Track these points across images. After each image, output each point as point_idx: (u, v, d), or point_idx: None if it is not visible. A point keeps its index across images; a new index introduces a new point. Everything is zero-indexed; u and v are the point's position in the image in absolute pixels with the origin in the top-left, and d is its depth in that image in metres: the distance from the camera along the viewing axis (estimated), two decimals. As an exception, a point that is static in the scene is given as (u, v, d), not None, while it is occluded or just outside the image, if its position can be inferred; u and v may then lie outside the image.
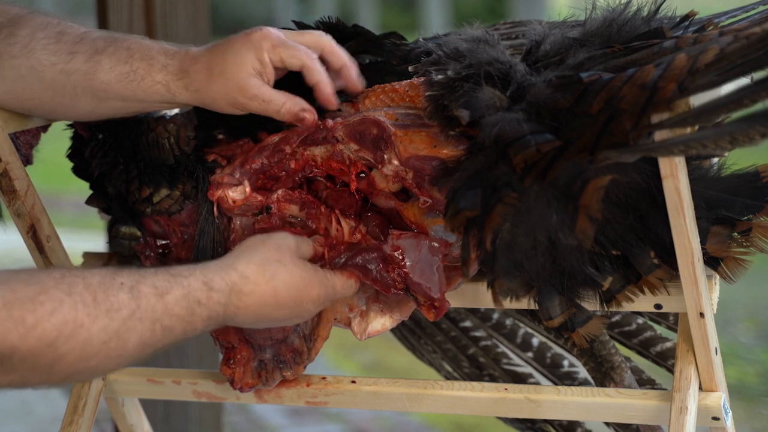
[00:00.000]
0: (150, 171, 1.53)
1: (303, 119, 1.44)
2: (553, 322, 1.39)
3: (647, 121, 1.23)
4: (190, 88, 1.44)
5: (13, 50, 1.46)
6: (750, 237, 1.38)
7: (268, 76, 1.43)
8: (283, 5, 14.16)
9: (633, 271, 1.38)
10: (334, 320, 1.48)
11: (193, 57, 1.45)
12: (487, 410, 1.50)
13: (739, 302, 3.82)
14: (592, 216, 1.26)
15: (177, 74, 1.44)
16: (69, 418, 1.58)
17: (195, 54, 1.45)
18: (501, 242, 1.32)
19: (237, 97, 1.42)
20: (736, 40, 1.21)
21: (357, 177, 1.46)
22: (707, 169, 1.38)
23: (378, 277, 1.42)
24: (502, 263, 1.34)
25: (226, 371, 1.51)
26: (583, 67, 1.36)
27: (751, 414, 2.97)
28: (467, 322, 1.82)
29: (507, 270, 1.35)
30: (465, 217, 1.33)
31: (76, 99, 1.48)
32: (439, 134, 1.40)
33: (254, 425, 3.07)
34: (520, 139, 1.29)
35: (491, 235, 1.32)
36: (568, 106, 1.30)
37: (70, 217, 5.32)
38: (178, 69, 1.44)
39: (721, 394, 1.42)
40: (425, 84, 1.41)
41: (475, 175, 1.33)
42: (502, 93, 1.36)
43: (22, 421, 3.04)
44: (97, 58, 1.46)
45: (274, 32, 1.44)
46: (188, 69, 1.44)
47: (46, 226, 1.55)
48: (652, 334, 1.70)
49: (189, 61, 1.44)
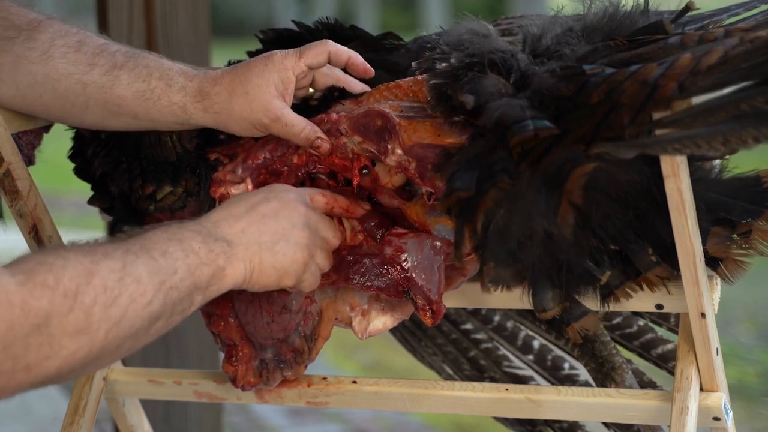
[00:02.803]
0: (153, 169, 1.54)
1: (319, 147, 1.46)
2: (546, 314, 1.40)
3: (645, 117, 1.23)
4: (210, 110, 1.45)
5: (32, 55, 1.46)
6: (750, 239, 1.38)
7: (287, 98, 1.45)
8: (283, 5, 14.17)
9: (632, 268, 1.39)
10: (335, 320, 1.48)
11: (213, 78, 1.46)
12: (487, 410, 1.50)
13: (739, 302, 3.82)
14: (574, 202, 1.27)
15: (196, 96, 1.45)
16: (70, 418, 1.58)
17: (214, 76, 1.46)
18: (494, 228, 1.33)
19: (260, 117, 1.44)
20: (741, 43, 1.21)
21: (360, 172, 1.46)
22: (708, 171, 1.39)
23: (382, 286, 1.42)
24: (495, 250, 1.34)
25: (228, 369, 1.51)
26: (586, 59, 1.36)
27: (751, 414, 2.98)
28: (468, 324, 1.82)
29: (499, 258, 1.35)
30: (458, 198, 1.34)
31: (87, 110, 1.48)
32: (443, 124, 1.40)
33: (254, 425, 3.07)
34: (520, 123, 1.29)
35: (483, 219, 1.33)
36: (569, 95, 1.30)
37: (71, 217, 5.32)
38: (197, 91, 1.46)
39: (721, 395, 1.42)
40: (428, 74, 1.42)
41: (474, 158, 1.34)
42: (506, 80, 1.37)
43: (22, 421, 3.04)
44: (115, 72, 1.46)
45: (290, 50, 1.46)
46: (209, 91, 1.45)
47: (48, 226, 1.55)
48: (653, 336, 1.70)
49: (209, 82, 1.45)
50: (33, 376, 1.13)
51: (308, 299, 1.47)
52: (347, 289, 1.47)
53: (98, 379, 1.61)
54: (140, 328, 1.21)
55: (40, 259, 1.16)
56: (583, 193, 1.29)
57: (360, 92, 1.51)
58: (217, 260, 1.30)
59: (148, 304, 1.21)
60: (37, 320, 1.12)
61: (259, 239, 1.35)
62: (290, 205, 1.39)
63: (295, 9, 14.06)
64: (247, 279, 1.34)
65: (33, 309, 1.12)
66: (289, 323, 1.48)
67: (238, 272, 1.33)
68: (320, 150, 1.46)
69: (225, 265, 1.31)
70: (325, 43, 1.48)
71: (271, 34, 1.64)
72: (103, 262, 1.19)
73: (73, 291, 1.15)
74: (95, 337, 1.16)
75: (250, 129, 1.46)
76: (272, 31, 1.64)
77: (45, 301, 1.13)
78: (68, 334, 1.14)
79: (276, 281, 1.37)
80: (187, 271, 1.27)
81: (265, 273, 1.35)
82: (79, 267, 1.17)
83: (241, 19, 13.60)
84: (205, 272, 1.29)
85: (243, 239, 1.34)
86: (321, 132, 1.46)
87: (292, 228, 1.37)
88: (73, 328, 1.15)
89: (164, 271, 1.24)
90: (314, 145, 1.46)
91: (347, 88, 1.51)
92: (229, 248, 1.32)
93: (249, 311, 1.48)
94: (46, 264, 1.15)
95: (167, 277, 1.24)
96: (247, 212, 1.36)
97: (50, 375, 1.15)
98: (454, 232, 1.37)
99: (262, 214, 1.36)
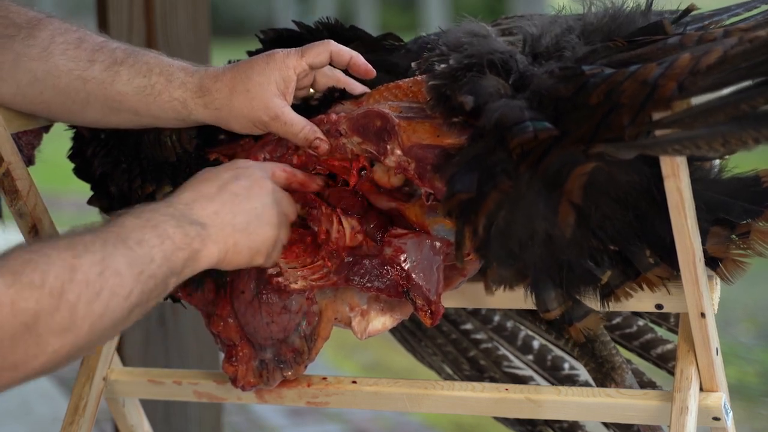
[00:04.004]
0: (152, 169, 1.54)
1: (317, 147, 1.46)
2: (549, 314, 1.40)
3: (645, 117, 1.23)
4: (210, 106, 1.45)
5: (32, 52, 1.46)
6: (748, 240, 1.38)
7: (288, 97, 1.46)
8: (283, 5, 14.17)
9: (632, 268, 1.39)
10: (335, 320, 1.48)
11: (214, 75, 1.46)
12: (487, 410, 1.50)
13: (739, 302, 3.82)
14: (574, 202, 1.27)
15: (196, 92, 1.46)
16: (70, 418, 1.58)
17: (216, 72, 1.46)
18: (496, 230, 1.33)
19: (260, 115, 1.44)
20: (740, 42, 1.21)
21: (358, 173, 1.46)
22: (708, 171, 1.39)
23: (381, 287, 1.42)
24: (497, 251, 1.35)
25: (228, 369, 1.51)
26: (586, 60, 1.36)
27: (751, 414, 2.98)
28: (468, 324, 1.82)
29: (501, 258, 1.35)
30: (459, 200, 1.34)
31: (87, 107, 1.48)
32: (443, 125, 1.40)
33: (254, 425, 3.07)
34: (519, 124, 1.30)
35: (485, 221, 1.33)
36: (568, 96, 1.30)
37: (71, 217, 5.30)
38: (198, 87, 1.46)
39: (721, 395, 1.42)
40: (428, 75, 1.42)
41: (473, 159, 1.34)
42: (505, 81, 1.37)
43: (22, 421, 3.03)
44: (116, 68, 1.47)
45: (292, 48, 1.47)
46: (209, 87, 1.45)
47: (47, 226, 1.55)
48: (653, 336, 1.70)
49: (210, 79, 1.46)
50: (20, 373, 1.15)
51: (308, 299, 1.47)
52: (347, 290, 1.47)
53: (98, 379, 1.61)
54: (120, 319, 1.23)
55: (24, 257, 1.17)
56: (582, 193, 1.29)
57: (360, 93, 1.51)
58: (192, 244, 1.31)
59: (128, 295, 1.22)
60: (25, 320, 1.13)
61: (233, 220, 1.35)
62: (259, 182, 1.39)
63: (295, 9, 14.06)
64: (221, 259, 1.35)
65: (21, 310, 1.13)
66: (288, 323, 1.48)
67: (212, 254, 1.33)
68: (318, 150, 1.46)
69: (200, 247, 1.32)
70: (327, 43, 1.48)
71: (271, 34, 1.64)
72: (84, 256, 1.19)
73: (58, 289, 1.16)
74: (79, 333, 1.18)
75: (249, 126, 1.46)
76: (272, 31, 1.64)
77: (33, 301, 1.14)
78: (54, 332, 1.16)
79: (248, 260, 1.38)
80: (164, 258, 1.27)
81: (239, 253, 1.36)
82: (61, 263, 1.18)
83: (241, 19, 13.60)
84: (180, 256, 1.29)
85: (217, 221, 1.34)
86: (320, 132, 1.46)
87: (264, 208, 1.38)
88: (59, 327, 1.16)
89: (141, 260, 1.25)
90: (313, 146, 1.46)
91: (348, 89, 1.51)
92: (204, 230, 1.32)
93: (248, 312, 1.48)
94: (30, 263, 1.16)
95: (145, 267, 1.25)
96: (218, 192, 1.36)
97: (36, 371, 1.17)
98: (455, 233, 1.37)
99: (234, 194, 1.37)
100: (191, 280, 1.48)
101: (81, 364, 1.62)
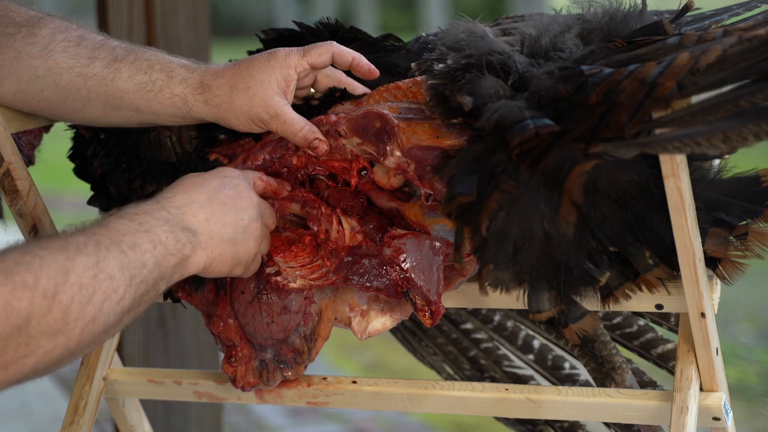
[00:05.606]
0: (152, 169, 1.54)
1: (316, 148, 1.46)
2: (540, 315, 1.40)
3: (644, 115, 1.23)
4: (210, 102, 1.46)
5: (33, 50, 1.46)
6: (746, 242, 1.38)
7: (288, 96, 1.46)
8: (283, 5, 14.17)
9: (631, 269, 1.39)
10: (335, 320, 1.48)
11: (215, 72, 1.46)
12: (488, 410, 1.50)
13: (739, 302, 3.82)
14: (575, 201, 1.27)
15: (197, 88, 1.46)
16: (70, 418, 1.58)
17: (216, 69, 1.47)
18: (494, 230, 1.33)
19: (260, 112, 1.45)
20: (739, 41, 1.21)
21: (358, 174, 1.46)
22: (707, 171, 1.39)
23: (381, 287, 1.42)
24: (493, 252, 1.34)
25: (228, 369, 1.51)
26: (585, 61, 1.36)
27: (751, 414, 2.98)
28: (468, 324, 1.82)
29: (498, 259, 1.35)
30: (459, 203, 1.34)
31: (88, 104, 1.48)
32: (442, 125, 1.40)
33: (254, 425, 3.07)
34: (520, 123, 1.30)
35: (487, 222, 1.33)
36: (567, 96, 1.30)
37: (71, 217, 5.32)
38: (199, 83, 1.46)
39: (721, 394, 1.42)
40: (426, 75, 1.41)
41: (473, 161, 1.34)
42: (504, 82, 1.37)
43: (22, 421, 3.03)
44: (116, 65, 1.47)
45: (294, 47, 1.47)
46: (210, 84, 1.46)
47: (48, 226, 1.55)
48: (653, 336, 1.70)
49: (210, 76, 1.46)
50: (10, 374, 1.15)
51: (308, 300, 1.47)
52: (346, 290, 1.47)
53: (98, 379, 1.61)
54: (113, 323, 1.23)
55: (17, 258, 1.16)
56: (582, 192, 1.28)
57: (361, 94, 1.51)
58: (183, 250, 1.32)
59: (121, 299, 1.23)
60: (17, 321, 1.13)
61: (222, 231, 1.37)
62: (244, 194, 1.41)
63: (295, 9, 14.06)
64: (206, 267, 1.36)
65: (14, 310, 1.13)
66: (288, 324, 1.48)
67: (200, 261, 1.34)
68: (317, 151, 1.46)
69: (190, 254, 1.33)
70: (329, 44, 1.48)
71: (272, 33, 1.64)
72: (78, 258, 1.20)
73: (51, 291, 1.16)
74: (71, 336, 1.18)
75: (249, 124, 1.47)
76: (273, 30, 1.64)
77: (25, 302, 1.14)
78: (46, 334, 1.16)
79: (229, 270, 1.39)
80: (155, 263, 1.28)
81: (223, 263, 1.37)
82: (55, 265, 1.18)
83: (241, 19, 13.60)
84: (171, 262, 1.30)
85: (207, 229, 1.35)
86: (320, 133, 1.46)
87: (250, 221, 1.39)
88: (51, 329, 1.16)
89: (134, 265, 1.25)
90: (312, 146, 1.46)
91: (349, 90, 1.51)
92: (194, 237, 1.34)
93: (248, 312, 1.48)
94: (23, 263, 1.16)
95: (137, 271, 1.25)
96: (209, 200, 1.37)
97: (26, 373, 1.16)
98: (455, 235, 1.36)
99: (223, 203, 1.38)
100: (192, 280, 1.48)
101: (81, 364, 1.62)
